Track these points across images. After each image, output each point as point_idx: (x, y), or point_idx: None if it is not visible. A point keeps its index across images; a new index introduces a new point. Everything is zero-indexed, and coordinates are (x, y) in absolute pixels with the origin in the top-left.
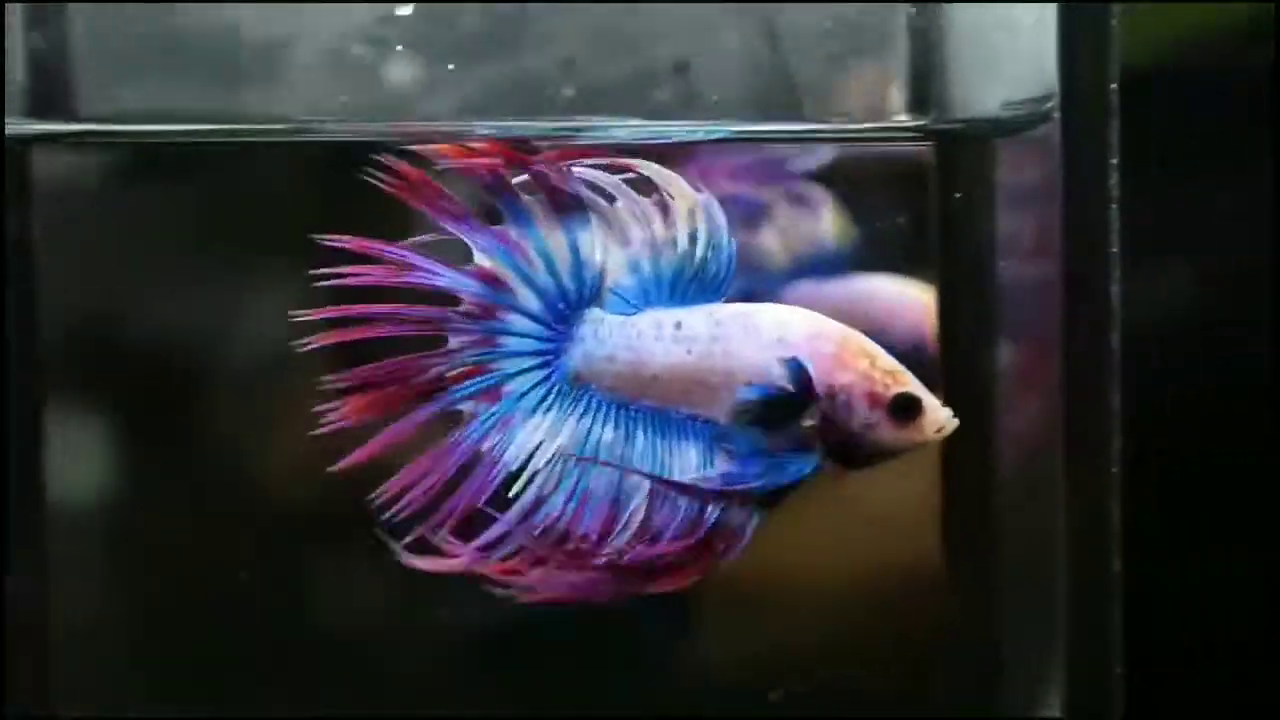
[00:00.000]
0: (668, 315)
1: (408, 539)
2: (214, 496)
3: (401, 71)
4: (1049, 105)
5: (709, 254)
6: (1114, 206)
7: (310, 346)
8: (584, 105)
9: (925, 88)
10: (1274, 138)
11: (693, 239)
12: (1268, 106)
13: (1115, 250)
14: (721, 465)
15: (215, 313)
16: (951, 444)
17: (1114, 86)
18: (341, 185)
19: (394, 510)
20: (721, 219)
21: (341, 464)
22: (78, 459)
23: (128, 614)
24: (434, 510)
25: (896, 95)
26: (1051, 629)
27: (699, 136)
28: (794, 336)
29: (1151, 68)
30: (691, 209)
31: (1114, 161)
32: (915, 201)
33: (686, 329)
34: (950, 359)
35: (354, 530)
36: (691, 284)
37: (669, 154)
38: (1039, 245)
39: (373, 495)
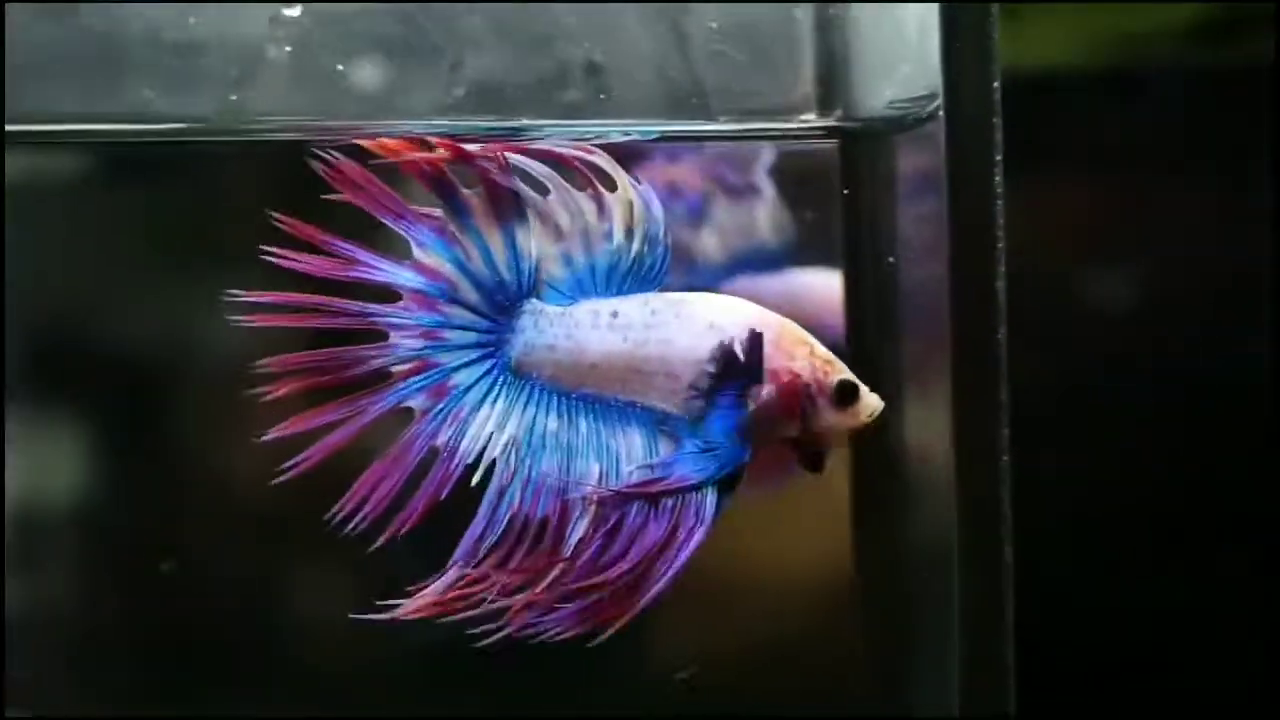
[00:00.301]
0: (604, 305)
1: (374, 545)
2: (174, 498)
3: (320, 73)
4: (936, 103)
5: (644, 247)
6: (999, 203)
7: (242, 323)
8: (490, 105)
9: (831, 85)
10: (1273, 138)
11: (629, 233)
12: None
13: (1001, 246)
14: (665, 453)
15: (151, 313)
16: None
17: (996, 84)
18: (279, 186)
19: (356, 521)
20: (658, 210)
21: (292, 468)
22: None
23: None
24: (397, 513)
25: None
26: (950, 625)
27: (631, 136)
28: (730, 324)
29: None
30: (628, 202)
31: (998, 158)
32: (824, 196)
33: (622, 317)
34: (855, 351)
35: (321, 529)
36: (627, 276)
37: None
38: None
39: (331, 512)
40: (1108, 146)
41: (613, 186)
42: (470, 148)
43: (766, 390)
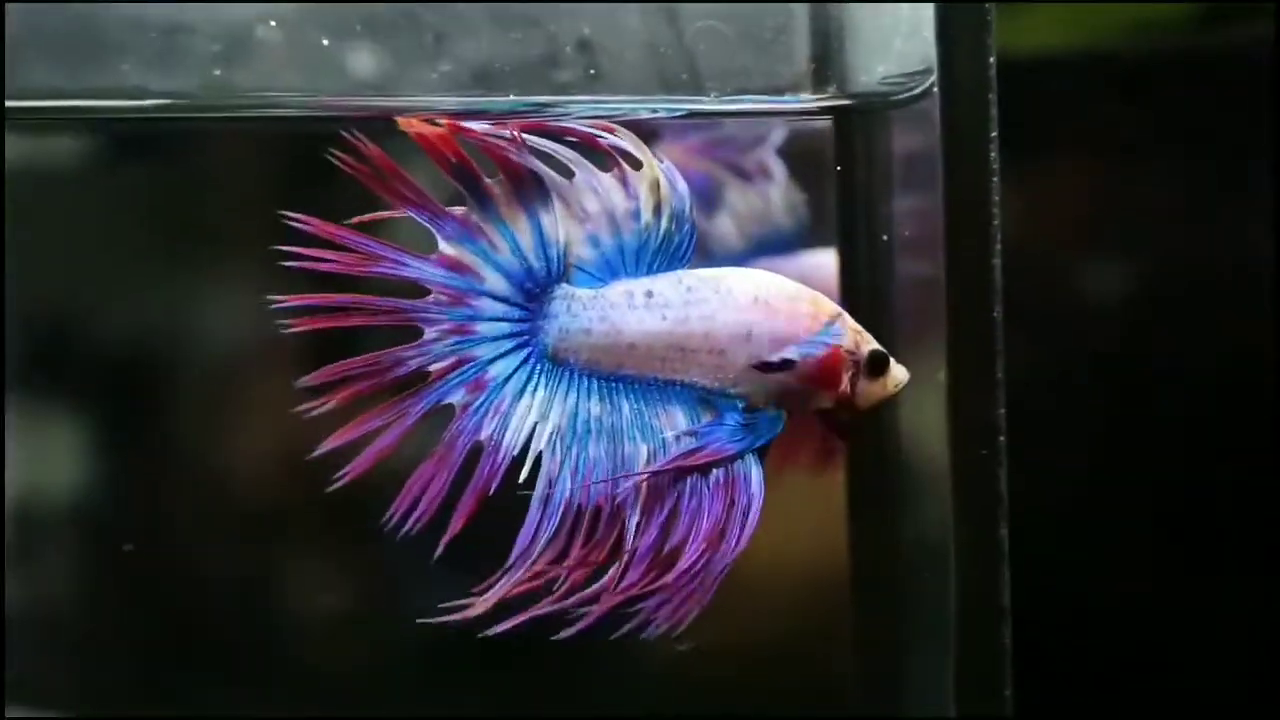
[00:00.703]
0: (637, 285)
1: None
2: (181, 489)
3: (304, 51)
4: (931, 79)
5: (672, 225)
6: (995, 179)
7: (287, 330)
8: (479, 83)
9: (825, 62)
10: (1273, 125)
11: (656, 210)
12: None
13: (996, 223)
14: (705, 427)
15: (147, 303)
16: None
17: (991, 59)
18: (275, 167)
19: (410, 525)
20: (683, 187)
21: (344, 478)
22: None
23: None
24: (449, 511)
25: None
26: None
27: (659, 113)
28: (771, 298)
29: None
30: (654, 180)
31: (994, 134)
32: (818, 174)
33: (658, 296)
34: None
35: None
36: (657, 255)
37: None
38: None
39: (384, 519)
40: (1108, 135)
41: (636, 165)
42: (478, 126)
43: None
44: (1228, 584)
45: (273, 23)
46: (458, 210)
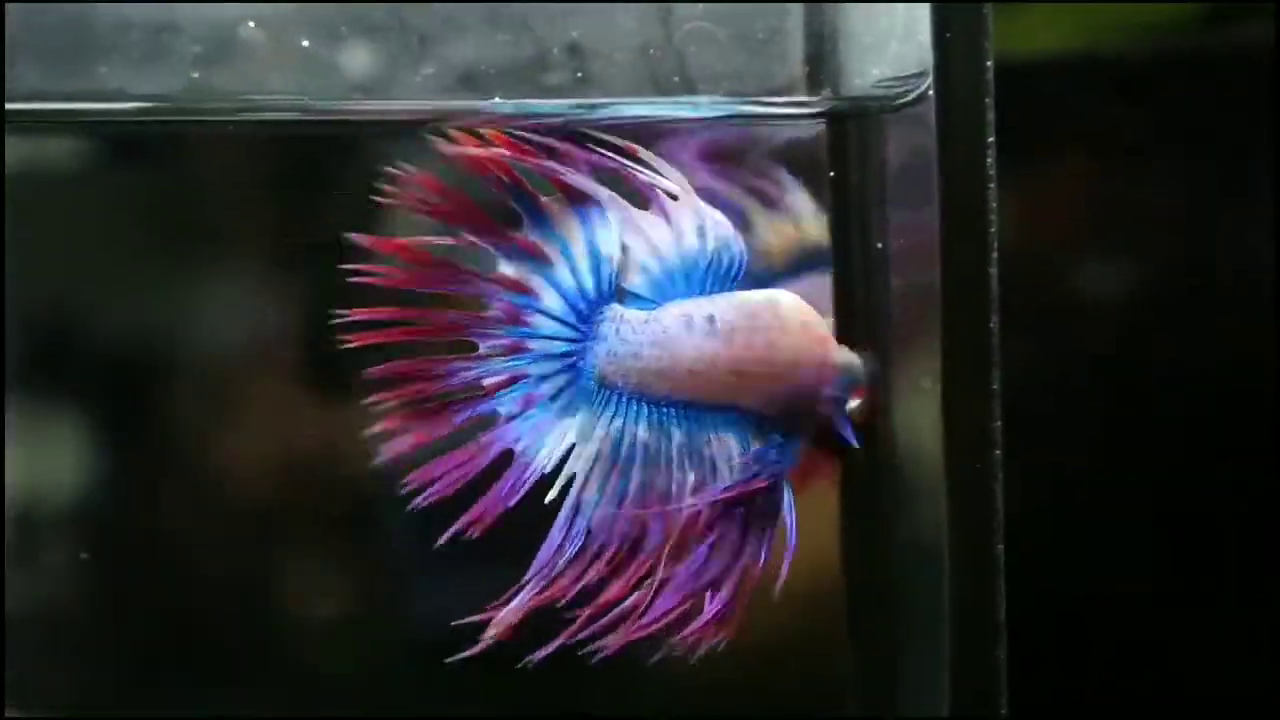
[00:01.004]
0: (695, 308)
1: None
2: (182, 489)
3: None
4: (927, 82)
5: (719, 247)
6: (991, 186)
7: (350, 345)
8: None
9: (819, 64)
10: (1273, 127)
11: (701, 233)
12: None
13: (993, 231)
14: (756, 453)
15: (145, 305)
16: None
17: (989, 63)
18: (295, 164)
19: (421, 498)
20: (726, 224)
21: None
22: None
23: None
24: (461, 506)
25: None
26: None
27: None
28: (812, 322)
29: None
30: (695, 210)
31: (991, 140)
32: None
33: (720, 322)
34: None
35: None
36: (707, 277)
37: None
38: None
39: (402, 482)
40: (1107, 137)
41: (681, 198)
42: (532, 137)
43: None
44: (1228, 586)
45: (251, 23)
46: (519, 234)
